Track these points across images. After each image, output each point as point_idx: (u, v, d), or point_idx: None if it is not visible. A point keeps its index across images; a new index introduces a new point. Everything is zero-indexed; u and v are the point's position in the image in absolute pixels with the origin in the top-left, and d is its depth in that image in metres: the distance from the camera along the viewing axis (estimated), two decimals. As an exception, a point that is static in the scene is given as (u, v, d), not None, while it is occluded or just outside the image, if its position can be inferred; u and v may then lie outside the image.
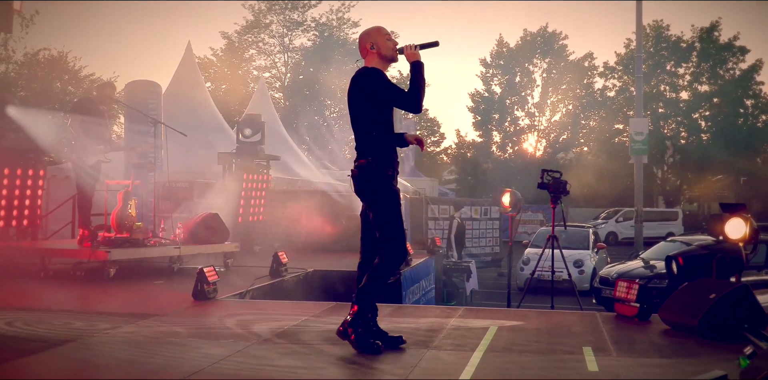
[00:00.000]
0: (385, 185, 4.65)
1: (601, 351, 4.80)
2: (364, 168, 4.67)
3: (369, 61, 4.88)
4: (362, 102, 4.71)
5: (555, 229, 10.04)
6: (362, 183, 4.70)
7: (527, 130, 47.79)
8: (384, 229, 4.65)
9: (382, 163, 4.66)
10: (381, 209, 4.64)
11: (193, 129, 14.32)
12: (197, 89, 17.76)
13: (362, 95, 4.70)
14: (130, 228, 8.65)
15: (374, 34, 4.89)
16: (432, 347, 4.86)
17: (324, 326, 5.51)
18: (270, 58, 48.52)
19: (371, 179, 4.66)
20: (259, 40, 47.51)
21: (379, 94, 4.65)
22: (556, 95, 47.55)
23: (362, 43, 4.91)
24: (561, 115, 47.84)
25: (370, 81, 4.68)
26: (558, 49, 46.89)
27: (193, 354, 4.51)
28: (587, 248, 18.62)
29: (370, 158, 4.65)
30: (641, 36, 27.39)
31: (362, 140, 4.74)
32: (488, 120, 47.66)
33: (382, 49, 4.85)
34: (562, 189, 9.69)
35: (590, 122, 47.77)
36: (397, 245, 4.64)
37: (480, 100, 48.02)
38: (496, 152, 48.22)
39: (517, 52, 47.23)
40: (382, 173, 4.64)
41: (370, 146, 4.69)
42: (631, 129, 25.88)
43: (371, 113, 4.70)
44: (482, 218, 22.44)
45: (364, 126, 4.72)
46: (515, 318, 6.17)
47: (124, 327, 5.34)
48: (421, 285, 11.46)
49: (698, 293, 5.55)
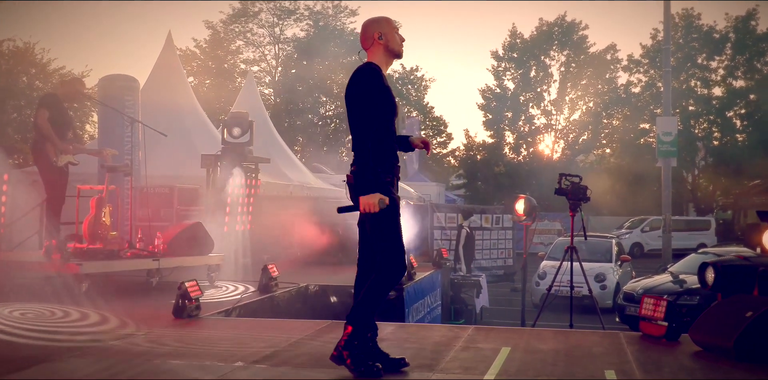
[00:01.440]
0: (382, 191, 4.64)
1: (626, 375, 4.78)
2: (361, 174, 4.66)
3: (373, 53, 4.88)
4: (359, 105, 4.70)
5: (574, 239, 10.03)
6: (357, 189, 4.69)
7: (543, 130, 47.82)
8: (381, 241, 4.63)
9: (383, 168, 4.66)
10: (378, 219, 4.63)
11: (174, 129, 14.33)
12: (179, 85, 17.76)
13: (359, 94, 4.69)
14: (103, 238, 8.64)
15: (384, 24, 4.89)
16: (438, 370, 4.85)
17: (318, 347, 5.51)
18: (259, 50, 48.70)
19: (368, 185, 4.65)
20: (247, 31, 47.68)
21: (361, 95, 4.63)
22: (575, 91, 47.61)
23: (368, 32, 4.89)
24: (581, 113, 47.92)
25: (363, 80, 4.68)
26: (577, 41, 46.98)
27: (172, 378, 4.51)
28: (610, 261, 18.60)
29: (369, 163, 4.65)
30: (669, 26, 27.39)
31: (359, 142, 4.73)
32: (500, 119, 47.72)
33: (391, 41, 4.85)
34: (581, 195, 9.68)
35: (613, 121, 47.82)
36: (395, 259, 4.62)
37: (491, 96, 48.09)
38: (509, 155, 48.25)
39: (532, 44, 47.33)
40: (381, 179, 4.63)
41: (367, 149, 4.69)
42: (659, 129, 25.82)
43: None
44: (494, 227, 22.41)
45: (361, 128, 4.72)
46: (530, 338, 6.16)
47: (96, 347, 5.33)
48: (425, 301, 11.44)
49: (734, 310, 5.53)
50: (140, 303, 7.76)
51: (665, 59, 26.33)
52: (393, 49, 4.87)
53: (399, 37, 4.92)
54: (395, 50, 4.89)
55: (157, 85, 17.00)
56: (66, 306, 7.33)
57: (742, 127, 45.01)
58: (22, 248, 10.35)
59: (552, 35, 47.28)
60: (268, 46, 48.64)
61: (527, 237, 14.06)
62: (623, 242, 27.71)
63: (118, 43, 74.81)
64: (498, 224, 22.59)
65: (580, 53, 46.96)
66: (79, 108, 34.68)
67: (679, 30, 44.72)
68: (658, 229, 31.13)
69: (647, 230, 36.15)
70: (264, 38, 48.28)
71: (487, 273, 19.15)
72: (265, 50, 48.73)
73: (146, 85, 16.44)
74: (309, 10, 47.46)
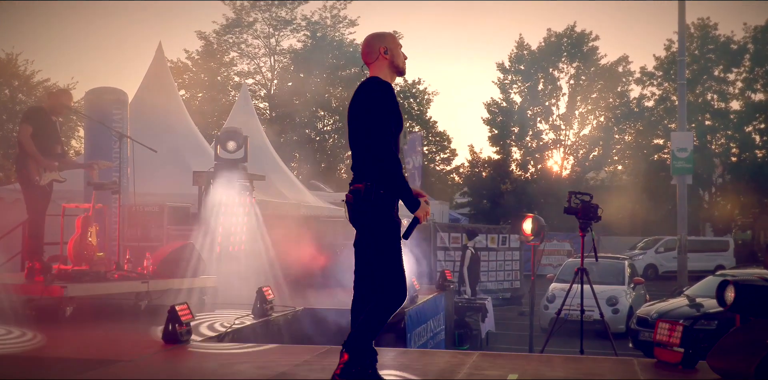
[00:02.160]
0: (384, 213, 4.65)
1: (640, 404, 4.77)
2: (361, 193, 4.68)
3: (376, 68, 4.92)
4: (361, 120, 4.72)
5: (585, 261, 10.02)
6: (358, 210, 4.70)
7: (552, 145, 47.91)
8: (380, 264, 4.64)
9: (382, 188, 4.67)
10: (378, 241, 4.63)
11: (165, 144, 14.34)
12: (169, 98, 17.80)
13: (364, 108, 4.71)
14: (90, 259, 8.63)
15: (389, 39, 4.96)
16: (442, 399, 4.83)
17: (316, 374, 5.50)
18: (254, 62, 48.82)
19: (369, 206, 4.66)
20: (242, 42, 47.80)
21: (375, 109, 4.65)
22: (585, 105, 47.71)
23: (373, 46, 4.94)
24: (591, 128, 47.98)
25: (373, 93, 4.70)
26: (587, 52, 47.14)
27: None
28: (622, 284, 18.58)
29: (369, 183, 4.66)
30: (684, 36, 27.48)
31: (360, 161, 4.75)
32: (506, 134, 47.80)
33: (396, 57, 4.92)
34: (592, 214, 9.70)
35: (625, 136, 47.91)
36: (396, 283, 4.62)
37: (497, 110, 48.19)
38: (516, 172, 48.30)
39: (540, 56, 47.47)
40: (383, 200, 4.64)
41: (369, 167, 4.70)
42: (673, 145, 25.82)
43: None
44: (500, 247, 22.40)
45: (364, 145, 4.74)
46: (539, 365, 6.15)
47: (81, 375, 5.32)
48: (428, 325, 11.42)
49: (754, 336, 5.52)
50: (128, 328, 7.74)
51: (680, 71, 26.35)
52: (398, 66, 4.93)
53: (404, 56, 4.99)
54: (400, 67, 4.95)
55: (146, 98, 17.04)
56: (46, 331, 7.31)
57: (762, 142, 44.97)
58: (3, 269, 10.36)
59: (561, 46, 47.40)
60: (264, 57, 48.78)
61: (535, 258, 14.05)
62: (636, 263, 27.68)
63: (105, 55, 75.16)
64: (504, 244, 22.58)
65: (590, 65, 47.06)
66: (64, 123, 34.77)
67: (695, 41, 44.85)
68: (673, 250, 31.05)
69: (662, 251, 36.08)
70: (259, 50, 48.41)
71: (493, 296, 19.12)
72: (261, 62, 48.87)
73: (135, 98, 16.48)
74: (306, 21, 47.52)
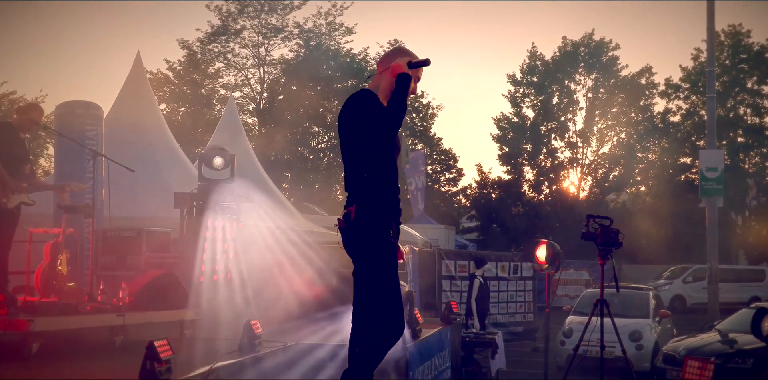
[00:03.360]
0: (379, 238, 4.64)
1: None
2: (354, 217, 4.67)
3: (383, 79, 4.97)
4: (353, 134, 4.72)
5: (605, 291, 10.00)
6: (351, 236, 4.69)
7: (568, 164, 47.87)
8: (375, 295, 4.62)
9: (377, 210, 4.66)
10: (372, 269, 4.62)
11: (143, 163, 14.37)
12: (149, 113, 17.85)
13: (354, 123, 4.71)
14: (59, 290, 8.60)
15: (409, 59, 4.98)
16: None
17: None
18: (241, 73, 48.97)
19: (362, 230, 4.65)
20: (228, 51, 47.95)
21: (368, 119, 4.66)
22: (604, 121, 47.72)
23: (389, 56, 5.04)
24: (611, 145, 47.98)
25: (362, 105, 4.71)
26: (607, 63, 47.19)
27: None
28: (647, 317, 18.49)
29: (360, 205, 4.66)
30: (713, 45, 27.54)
31: (353, 181, 4.75)
32: (518, 152, 47.80)
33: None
34: (613, 240, 9.69)
35: (649, 154, 47.91)
36: (391, 315, 4.61)
37: (508, 126, 48.25)
38: (529, 193, 48.28)
39: (555, 67, 47.52)
40: (377, 224, 4.63)
41: (362, 188, 4.71)
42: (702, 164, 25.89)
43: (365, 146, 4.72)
44: (511, 276, 22.35)
45: (354, 163, 4.74)
46: (556, 406, 6.11)
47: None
48: (433, 362, 11.38)
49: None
50: (102, 366, 7.70)
51: (709, 83, 26.42)
52: None
53: (417, 80, 5.00)
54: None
55: (123, 113, 17.08)
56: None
57: (800, 161, 45.10)
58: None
59: (578, 56, 47.41)
60: (252, 68, 48.90)
61: (550, 289, 14.02)
62: (662, 294, 27.59)
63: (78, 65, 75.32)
64: (516, 273, 22.54)
65: (610, 77, 47.09)
66: (32, 139, 34.84)
67: (726, 49, 44.97)
68: (702, 279, 31.01)
69: (690, 281, 35.97)
70: (247, 60, 48.54)
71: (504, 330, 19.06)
72: (249, 73, 48.98)
73: (111, 113, 16.52)
74: (299, 28, 47.61)
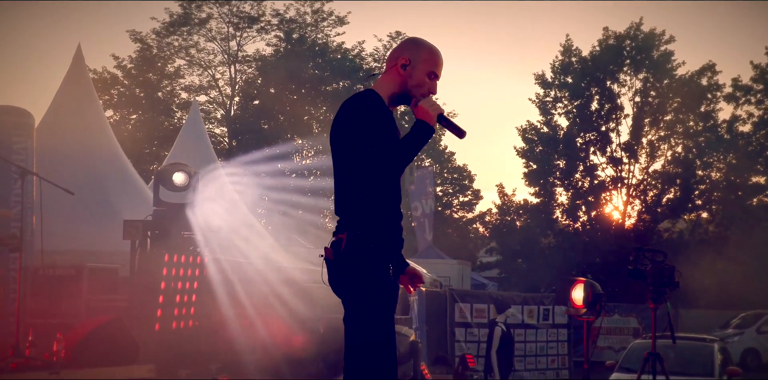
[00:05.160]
0: (375, 275, 4.59)
1: None
2: (344, 247, 4.62)
3: (386, 78, 4.94)
4: (346, 147, 4.69)
5: (657, 343, 9.94)
6: (340, 270, 4.65)
7: (611, 185, 47.73)
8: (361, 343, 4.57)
9: (373, 239, 4.62)
10: (361, 312, 4.57)
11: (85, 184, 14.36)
12: (91, 121, 17.83)
13: (347, 136, 4.67)
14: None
15: (421, 54, 4.92)
16: None
17: None
18: (207, 72, 49.06)
19: (353, 264, 4.60)
20: (191, 45, 48.05)
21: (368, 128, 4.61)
22: (656, 131, 47.54)
23: (396, 52, 4.98)
24: (664, 161, 47.75)
25: (361, 109, 4.67)
26: (659, 59, 47.05)
27: None
28: (711, 374, 18.42)
29: (355, 232, 4.61)
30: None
31: (345, 203, 4.72)
32: (548, 169, 47.68)
33: (415, 78, 4.88)
34: (667, 280, 9.65)
35: (712, 172, 47.68)
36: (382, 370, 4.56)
37: (536, 138, 48.12)
38: (562, 220, 48.15)
39: (594, 64, 47.42)
40: (372, 256, 4.59)
41: (356, 212, 4.66)
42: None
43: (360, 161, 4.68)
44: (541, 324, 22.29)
45: (348, 182, 4.71)
46: None
47: None
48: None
49: None
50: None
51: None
52: (408, 89, 4.89)
53: (431, 85, 4.92)
54: (410, 92, 4.90)
55: (60, 121, 17.06)
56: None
57: None
58: None
59: (622, 51, 47.26)
60: (221, 67, 49.02)
61: (589, 339, 13.96)
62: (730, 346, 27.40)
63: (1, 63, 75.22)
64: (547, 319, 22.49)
65: (662, 77, 46.86)
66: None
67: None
68: (780, 328, 30.90)
69: (765, 331, 35.82)
70: (215, 56, 48.64)
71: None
72: (217, 73, 49.10)
73: (44, 121, 16.50)
74: (279, 17, 47.64)
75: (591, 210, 47.40)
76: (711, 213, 47.32)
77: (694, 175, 46.49)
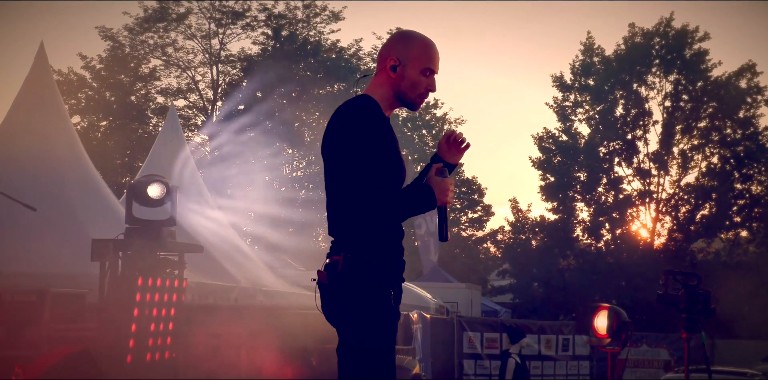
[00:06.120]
0: (374, 301, 4.60)
1: None
2: (340, 270, 4.62)
3: (377, 81, 4.91)
4: (338, 159, 4.68)
5: (691, 377, 9.93)
6: (335, 296, 4.65)
7: (638, 200, 47.79)
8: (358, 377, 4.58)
9: (372, 261, 4.61)
10: (357, 342, 4.58)
11: (49, 198, 14.32)
12: (55, 128, 17.78)
13: (340, 147, 4.66)
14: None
15: (410, 50, 4.88)
16: None
17: None
18: (187, 74, 49.07)
19: (349, 289, 4.60)
20: (168, 44, 48.08)
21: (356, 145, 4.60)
22: (689, 139, 47.56)
23: (382, 53, 4.94)
24: (698, 173, 47.76)
25: (356, 118, 4.66)
26: (692, 59, 47.05)
27: None
28: (750, 413, 18.45)
29: (352, 254, 4.61)
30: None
31: (340, 221, 4.72)
32: (568, 182, 47.71)
33: (407, 79, 4.84)
34: (702, 306, 9.63)
35: (752, 185, 47.63)
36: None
37: (554, 147, 48.15)
38: (583, 239, 48.17)
39: (619, 65, 47.47)
40: (371, 280, 4.59)
41: (352, 231, 4.66)
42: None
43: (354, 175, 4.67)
44: (560, 355, 22.29)
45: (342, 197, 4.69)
46: None
47: None
48: None
49: None
50: None
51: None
52: (405, 92, 4.86)
53: (428, 82, 4.89)
54: (407, 96, 4.87)
55: (19, 129, 17.03)
56: None
57: None
58: None
59: (651, 50, 47.27)
60: (201, 68, 49.07)
61: (614, 372, 13.96)
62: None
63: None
64: (567, 350, 22.50)
65: (696, 78, 46.80)
66: None
67: None
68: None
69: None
70: (195, 55, 48.67)
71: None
72: (197, 74, 49.13)
73: (1, 129, 16.51)
74: (266, 13, 47.58)
75: (615, 228, 47.47)
76: (751, 231, 47.23)
77: (732, 189, 46.51)
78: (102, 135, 45.01)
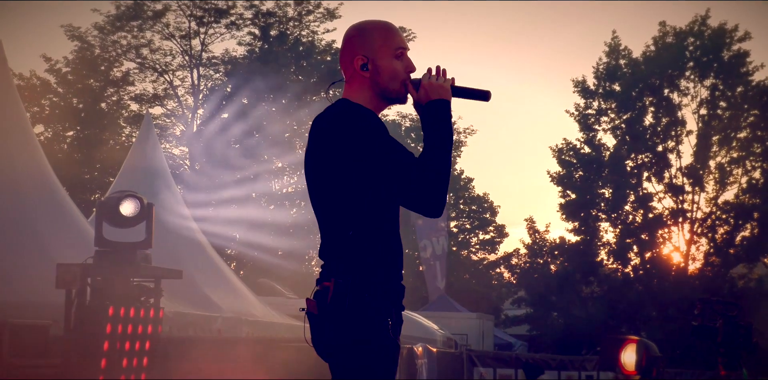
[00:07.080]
0: (369, 332, 4.58)
1: None
2: (331, 297, 4.60)
3: (352, 88, 4.88)
4: (330, 171, 4.67)
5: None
6: (326, 326, 4.64)
7: (670, 220, 47.78)
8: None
9: (367, 288, 4.60)
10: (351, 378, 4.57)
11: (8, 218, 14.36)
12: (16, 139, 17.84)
13: (329, 156, 4.66)
14: None
15: (371, 40, 4.85)
16: None
17: None
18: (164, 78, 49.10)
19: (342, 319, 4.59)
20: (143, 44, 48.12)
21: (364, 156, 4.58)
22: (727, 151, 47.57)
23: (345, 54, 4.92)
24: (738, 190, 47.75)
25: (345, 123, 4.65)
26: (731, 61, 47.09)
27: None
28: None
29: (345, 279, 4.59)
30: None
31: (332, 243, 4.71)
32: (590, 200, 47.74)
33: (383, 71, 4.81)
34: (742, 340, 9.63)
35: (798, 204, 47.78)
36: None
37: (575, 160, 48.20)
38: (608, 263, 48.17)
39: (649, 68, 47.53)
40: (366, 308, 4.58)
41: (345, 253, 4.65)
42: None
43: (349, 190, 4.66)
44: (583, 393, 22.29)
45: (334, 216, 4.70)
46: None
47: None
48: None
49: None
50: None
51: None
52: (386, 86, 4.83)
53: (404, 63, 4.87)
54: (389, 87, 4.83)
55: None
56: None
57: None
58: None
59: (684, 52, 47.33)
60: (181, 71, 49.12)
61: (644, 413, 13.96)
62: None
63: None
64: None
65: (735, 83, 46.81)
66: None
67: None
68: None
69: None
70: (173, 57, 48.75)
71: None
72: (175, 79, 49.18)
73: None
74: (253, 10, 47.66)
75: (645, 251, 47.35)
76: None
77: (777, 207, 46.34)
78: (68, 147, 45.03)
